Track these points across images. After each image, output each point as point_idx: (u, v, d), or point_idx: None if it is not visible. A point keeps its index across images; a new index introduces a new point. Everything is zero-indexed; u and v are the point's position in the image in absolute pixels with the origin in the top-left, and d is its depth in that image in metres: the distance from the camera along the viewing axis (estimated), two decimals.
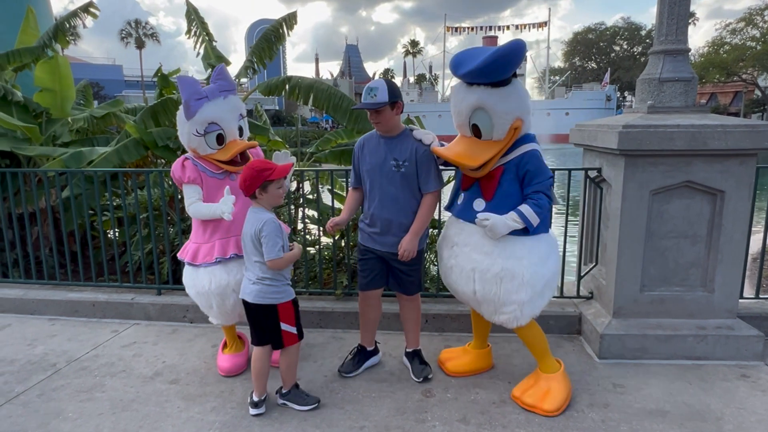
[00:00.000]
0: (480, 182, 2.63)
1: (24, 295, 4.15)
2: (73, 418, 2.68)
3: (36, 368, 3.22)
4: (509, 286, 2.54)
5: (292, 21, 5.80)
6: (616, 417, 2.62)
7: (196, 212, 2.86)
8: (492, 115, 2.44)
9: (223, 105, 2.80)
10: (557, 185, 3.78)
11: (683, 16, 3.16)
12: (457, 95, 2.55)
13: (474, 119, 2.51)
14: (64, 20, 5.52)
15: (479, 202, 2.62)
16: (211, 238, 2.89)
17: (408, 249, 2.75)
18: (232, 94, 2.88)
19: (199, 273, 2.89)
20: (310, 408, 2.70)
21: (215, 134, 2.79)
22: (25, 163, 4.95)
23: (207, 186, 2.87)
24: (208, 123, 2.76)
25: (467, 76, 2.43)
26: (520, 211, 2.49)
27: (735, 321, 3.20)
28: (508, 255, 2.54)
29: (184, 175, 2.85)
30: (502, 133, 2.49)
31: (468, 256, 2.63)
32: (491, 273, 2.55)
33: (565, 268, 3.78)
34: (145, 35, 62.23)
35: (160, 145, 4.96)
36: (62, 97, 5.40)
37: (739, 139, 2.93)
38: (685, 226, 3.14)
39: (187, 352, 3.42)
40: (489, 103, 2.42)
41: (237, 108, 2.87)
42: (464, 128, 2.58)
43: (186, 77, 2.82)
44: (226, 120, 2.80)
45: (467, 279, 2.63)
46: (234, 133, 2.85)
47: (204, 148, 2.82)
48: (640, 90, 3.34)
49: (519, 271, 2.52)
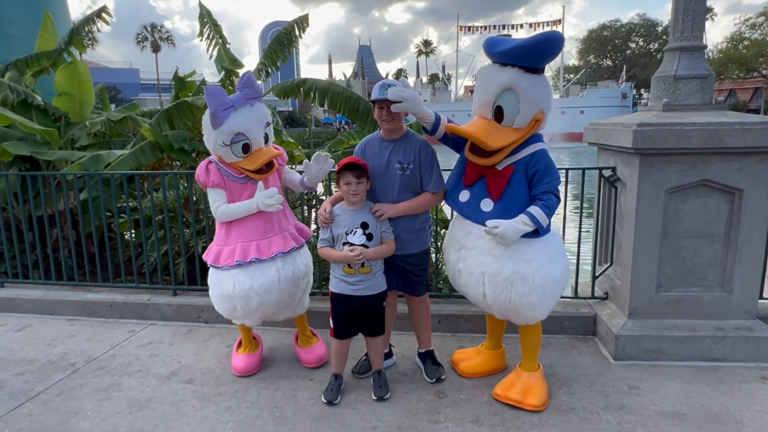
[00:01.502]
0: (486, 179, 2.58)
1: (44, 296, 4.24)
2: (91, 417, 2.73)
3: (55, 368, 3.29)
4: (520, 290, 2.51)
5: (304, 23, 5.83)
6: (631, 419, 2.59)
7: (225, 214, 2.87)
8: (521, 98, 2.40)
9: (249, 114, 2.80)
10: (571, 184, 3.75)
11: (699, 12, 3.11)
12: (487, 74, 2.47)
13: (500, 101, 2.44)
14: (80, 25, 5.62)
15: (487, 203, 2.58)
16: (233, 240, 2.91)
17: (384, 210, 2.71)
18: (258, 102, 2.89)
19: (222, 275, 2.91)
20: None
21: (241, 144, 2.79)
22: (45, 166, 5.05)
23: (230, 189, 2.90)
24: (234, 134, 2.76)
25: (506, 53, 2.38)
26: (530, 214, 2.46)
27: (754, 322, 3.14)
28: (518, 258, 2.51)
29: (208, 179, 2.88)
30: (525, 121, 2.45)
31: (476, 260, 2.59)
32: (501, 277, 2.52)
33: (580, 269, 3.75)
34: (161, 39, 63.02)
35: (176, 147, 5.02)
36: (81, 101, 5.51)
37: (758, 136, 2.87)
38: (702, 226, 3.10)
39: (202, 352, 3.47)
40: (521, 86, 2.38)
41: (263, 116, 2.87)
42: (486, 109, 2.49)
43: (213, 87, 2.83)
44: (252, 130, 2.80)
45: (476, 283, 2.61)
46: (260, 141, 2.85)
47: (230, 157, 2.83)
48: (655, 87, 3.30)
49: (530, 274, 2.50)
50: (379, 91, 2.67)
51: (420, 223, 2.87)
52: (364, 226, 2.70)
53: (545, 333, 3.54)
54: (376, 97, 2.69)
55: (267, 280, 2.83)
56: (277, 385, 2.99)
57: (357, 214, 2.73)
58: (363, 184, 2.70)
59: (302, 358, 3.24)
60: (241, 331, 3.22)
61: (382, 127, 2.81)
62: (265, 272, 2.84)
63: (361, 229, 2.70)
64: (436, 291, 3.85)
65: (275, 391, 2.93)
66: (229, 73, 5.72)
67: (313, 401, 2.82)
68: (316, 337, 3.37)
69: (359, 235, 2.70)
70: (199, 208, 4.26)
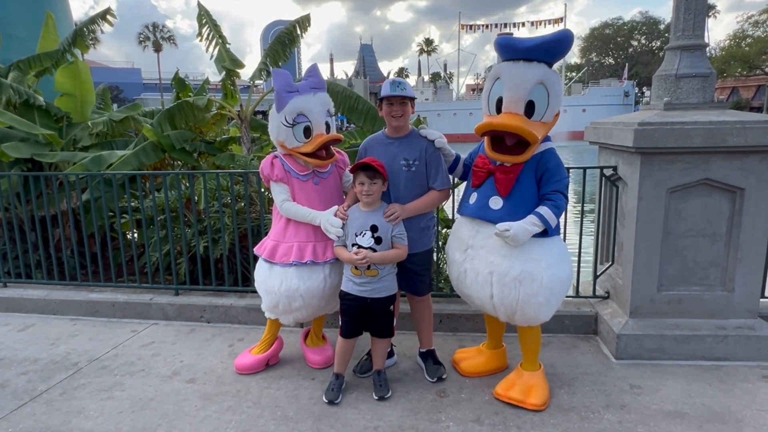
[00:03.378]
0: (495, 176, 2.59)
1: (47, 295, 4.26)
2: (94, 416, 2.74)
3: (58, 367, 3.30)
4: (528, 290, 2.51)
5: (306, 23, 5.84)
6: (633, 418, 2.59)
7: (290, 212, 2.91)
8: (551, 92, 2.45)
9: (313, 100, 2.86)
10: (572, 183, 3.75)
11: (701, 10, 3.10)
12: (517, 69, 2.46)
13: (532, 95, 2.44)
14: (83, 26, 5.64)
15: (496, 200, 2.58)
16: (291, 238, 2.93)
17: (397, 211, 2.73)
18: (322, 92, 2.93)
19: (273, 271, 2.93)
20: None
21: (303, 126, 2.83)
22: (47, 166, 5.07)
23: (291, 186, 2.93)
24: (297, 114, 2.81)
25: (534, 49, 2.42)
26: (540, 214, 2.47)
27: (756, 321, 3.14)
28: (527, 257, 2.51)
29: (273, 173, 2.92)
30: (552, 114, 2.50)
31: (485, 259, 2.59)
32: (510, 276, 2.51)
33: (581, 268, 3.75)
34: (163, 38, 63.07)
35: (177, 147, 5.04)
36: (82, 102, 5.53)
37: (760, 135, 2.86)
38: (703, 225, 3.09)
39: (204, 351, 3.48)
40: (550, 80, 2.45)
41: (325, 104, 2.91)
42: (519, 104, 2.45)
43: (281, 70, 2.94)
44: (314, 113, 2.84)
45: (484, 283, 2.60)
46: (321, 127, 2.87)
47: (291, 141, 2.86)
48: (656, 86, 3.29)
49: (538, 274, 2.50)
50: (390, 88, 2.72)
51: (425, 222, 2.89)
52: (374, 229, 2.70)
53: (546, 332, 3.55)
54: (387, 93, 2.73)
55: (313, 285, 2.86)
56: (278, 385, 3.00)
57: (369, 216, 2.74)
58: (377, 185, 2.70)
59: (309, 358, 3.25)
60: (269, 327, 3.19)
61: (390, 124, 2.83)
62: (313, 277, 2.87)
63: (370, 231, 2.70)
64: (438, 290, 3.85)
65: (277, 391, 2.94)
66: (229, 73, 5.73)
67: (315, 401, 2.82)
68: (326, 340, 3.37)
69: (368, 237, 2.70)
70: (200, 208, 4.27)
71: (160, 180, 4.62)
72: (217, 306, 3.93)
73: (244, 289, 4.05)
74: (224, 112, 6.11)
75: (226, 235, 3.96)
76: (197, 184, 4.30)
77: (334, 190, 2.99)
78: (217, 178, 3.96)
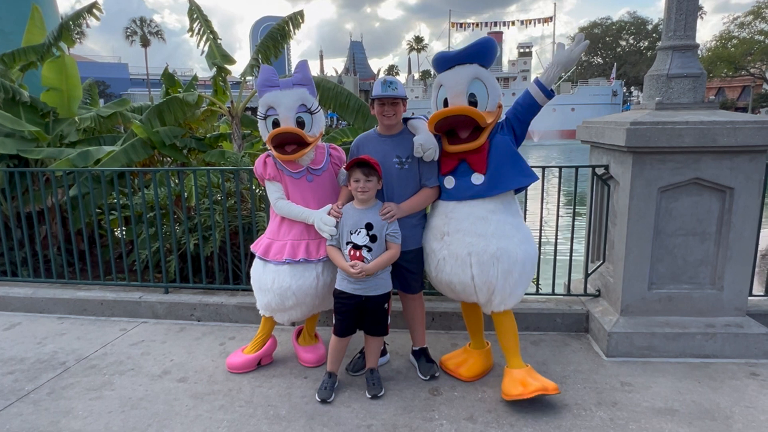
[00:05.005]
0: (468, 159, 2.71)
1: (33, 293, 4.18)
2: (82, 416, 2.70)
3: (46, 367, 3.25)
4: (505, 266, 2.63)
5: (299, 20, 5.80)
6: (624, 416, 2.61)
7: (284, 210, 2.91)
8: (487, 85, 2.64)
9: (286, 94, 2.84)
10: (564, 182, 3.77)
11: (692, 11, 3.13)
12: (453, 72, 2.66)
13: (472, 88, 2.63)
14: (70, 20, 5.54)
15: (477, 177, 2.70)
16: (285, 236, 2.92)
17: (393, 210, 2.73)
18: (303, 87, 2.89)
19: (266, 269, 2.93)
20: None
21: (272, 119, 2.85)
22: (33, 162, 4.98)
23: (284, 183, 2.93)
24: (268, 107, 2.84)
25: (463, 52, 2.65)
26: (537, 80, 2.70)
27: (744, 319, 3.18)
28: (501, 235, 2.65)
29: (265, 171, 2.94)
30: (494, 104, 2.68)
31: (462, 241, 2.68)
32: (488, 254, 2.62)
33: (572, 266, 3.77)
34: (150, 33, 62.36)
35: (167, 144, 4.98)
36: (69, 97, 5.43)
37: (749, 135, 2.90)
38: (693, 224, 3.12)
39: (194, 350, 3.44)
40: (484, 75, 2.64)
41: (299, 99, 2.85)
42: (461, 97, 2.64)
43: (267, 66, 2.96)
44: (283, 107, 2.82)
45: (463, 265, 2.67)
46: (289, 121, 2.83)
47: (264, 133, 2.91)
48: (648, 86, 3.31)
49: (513, 250, 2.64)
50: (381, 88, 2.73)
51: (417, 219, 2.89)
52: (369, 227, 2.69)
53: (538, 330, 3.57)
54: (378, 94, 2.73)
55: (306, 283, 2.86)
56: (271, 384, 2.98)
57: (364, 213, 2.72)
58: (372, 182, 2.69)
59: (301, 357, 3.23)
60: (262, 325, 3.16)
61: (382, 123, 2.83)
62: (306, 275, 2.86)
63: (365, 229, 2.69)
64: (430, 288, 3.85)
65: (269, 390, 2.92)
66: (220, 69, 5.67)
67: (308, 399, 2.81)
68: (318, 338, 3.36)
69: (363, 235, 2.69)
70: (190, 205, 4.22)
71: (149, 176, 4.56)
72: (207, 304, 3.89)
73: (235, 287, 4.02)
74: (215, 109, 6.05)
75: (217, 233, 3.92)
76: (187, 181, 4.25)
77: (329, 187, 2.96)
78: (207, 175, 3.92)
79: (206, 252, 4.00)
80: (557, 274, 3.75)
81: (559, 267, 3.73)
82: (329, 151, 3.04)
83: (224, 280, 4.17)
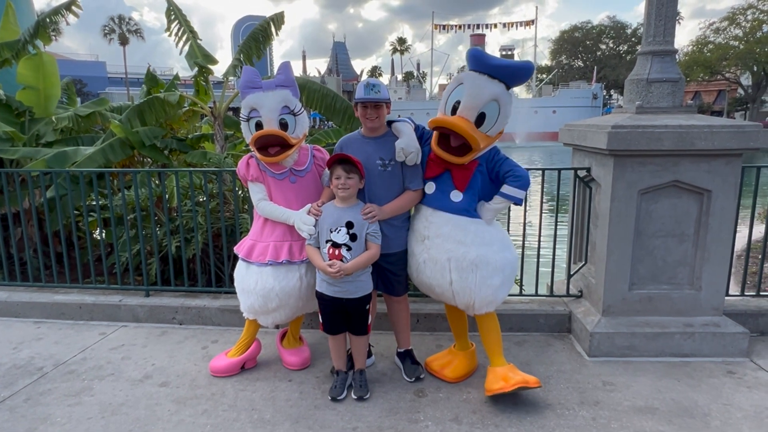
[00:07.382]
0: (452, 173, 2.72)
1: (8, 297, 4.08)
2: (61, 423, 2.64)
3: (22, 372, 3.17)
4: (484, 272, 2.66)
5: (280, 21, 5.77)
6: (606, 414, 2.65)
7: (266, 211, 2.90)
8: (501, 111, 2.62)
9: (269, 96, 2.81)
10: (547, 184, 3.81)
11: (671, 17, 3.19)
12: (479, 81, 2.60)
13: (486, 108, 2.59)
14: (47, 16, 5.42)
15: (456, 194, 2.73)
16: (268, 237, 2.91)
17: (374, 211, 2.72)
18: (285, 89, 2.86)
19: (249, 271, 2.91)
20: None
21: (255, 121, 2.84)
22: (8, 163, 4.86)
23: (268, 185, 2.91)
24: (250, 109, 2.82)
25: (499, 68, 2.58)
26: (502, 192, 2.70)
27: (721, 318, 3.25)
28: (480, 242, 2.67)
29: (248, 173, 2.92)
30: (497, 131, 2.66)
31: (441, 247, 2.70)
32: (467, 260, 2.65)
33: (555, 267, 3.81)
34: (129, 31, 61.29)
35: (147, 144, 4.90)
36: (46, 96, 5.31)
37: (726, 139, 2.97)
38: (672, 225, 3.18)
39: (176, 354, 3.39)
40: (504, 99, 2.61)
41: (282, 101, 2.83)
42: (472, 112, 2.59)
43: (249, 68, 2.95)
44: (265, 108, 2.80)
45: (442, 270, 2.70)
46: (272, 123, 2.81)
47: (247, 135, 2.90)
48: (628, 90, 3.37)
49: (492, 257, 2.67)
50: (365, 91, 2.72)
51: (401, 222, 2.89)
52: (349, 225, 2.68)
53: (521, 331, 3.60)
54: (361, 97, 2.72)
55: (289, 284, 2.84)
56: (254, 387, 2.95)
57: (344, 212, 2.71)
58: (353, 180, 2.68)
59: (285, 360, 3.20)
60: (246, 329, 3.13)
61: (365, 126, 2.83)
62: (289, 276, 2.84)
63: (345, 227, 2.68)
64: (414, 290, 3.86)
65: (253, 393, 2.89)
66: (202, 69, 5.60)
67: (292, 403, 2.79)
68: (303, 341, 3.33)
69: (343, 234, 2.68)
70: (171, 206, 4.16)
71: (129, 177, 4.48)
72: (189, 307, 3.84)
73: (218, 289, 3.97)
74: (196, 109, 5.98)
75: (200, 235, 3.87)
76: (169, 182, 4.19)
77: (312, 188, 2.95)
78: (190, 176, 3.86)
79: (188, 254, 3.95)
80: (540, 275, 3.79)
81: (542, 268, 3.77)
82: (313, 152, 3.03)
83: (207, 282, 4.12)
